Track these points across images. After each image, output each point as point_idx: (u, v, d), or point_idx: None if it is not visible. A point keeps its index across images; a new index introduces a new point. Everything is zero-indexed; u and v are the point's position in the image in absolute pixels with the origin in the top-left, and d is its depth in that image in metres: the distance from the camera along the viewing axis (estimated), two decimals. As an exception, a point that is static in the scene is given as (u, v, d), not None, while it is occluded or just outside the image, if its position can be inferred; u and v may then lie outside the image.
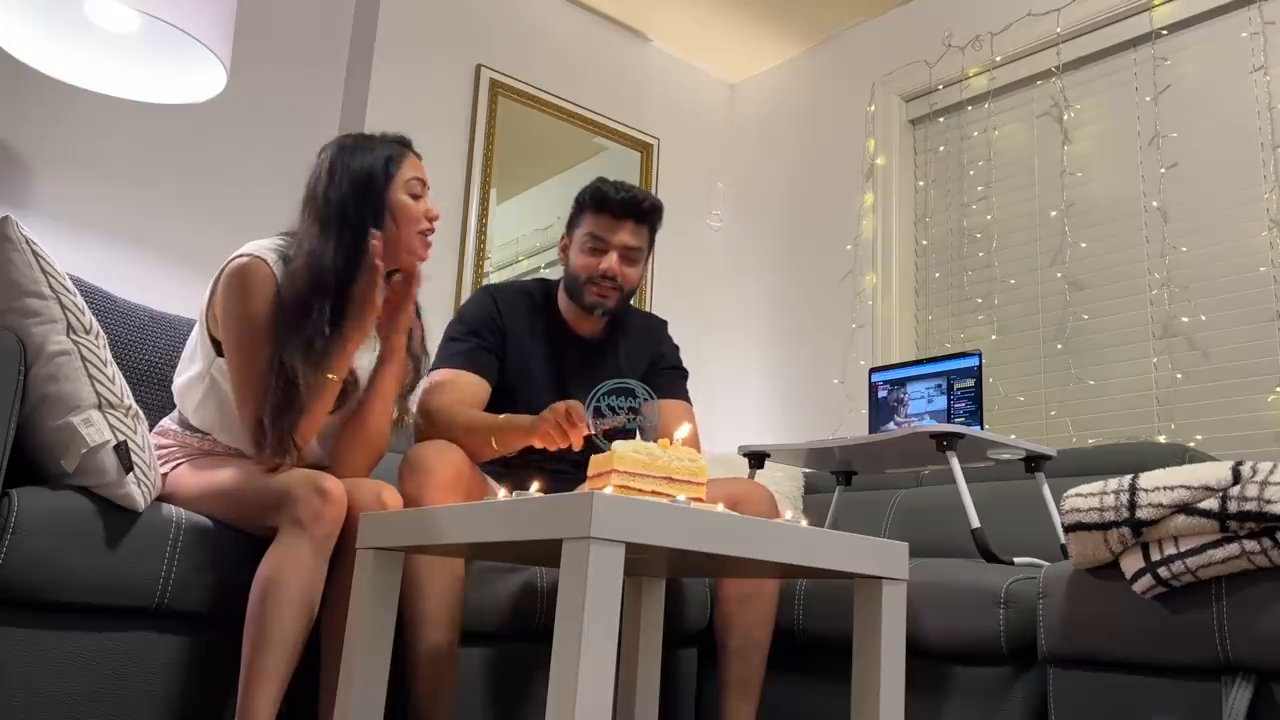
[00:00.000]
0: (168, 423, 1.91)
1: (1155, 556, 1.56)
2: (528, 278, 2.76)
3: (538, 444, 1.83)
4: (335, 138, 1.92)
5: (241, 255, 1.79)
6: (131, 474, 1.60)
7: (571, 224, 2.19)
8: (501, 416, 1.91)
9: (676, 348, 2.34)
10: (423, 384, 2.06)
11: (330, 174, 1.83)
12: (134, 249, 2.65)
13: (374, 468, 1.91)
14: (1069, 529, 1.66)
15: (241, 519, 1.70)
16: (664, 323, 2.37)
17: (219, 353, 1.81)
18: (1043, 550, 2.12)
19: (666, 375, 2.24)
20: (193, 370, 1.86)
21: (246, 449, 1.80)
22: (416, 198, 1.88)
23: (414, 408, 2.03)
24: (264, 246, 1.81)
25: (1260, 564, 1.49)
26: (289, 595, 1.54)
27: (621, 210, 2.11)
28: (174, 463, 1.83)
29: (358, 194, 1.82)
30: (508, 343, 2.14)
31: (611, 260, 2.10)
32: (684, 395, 2.25)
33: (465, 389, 2.05)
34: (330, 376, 1.78)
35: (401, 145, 1.90)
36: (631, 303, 2.32)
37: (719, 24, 3.73)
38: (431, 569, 1.75)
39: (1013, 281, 3.07)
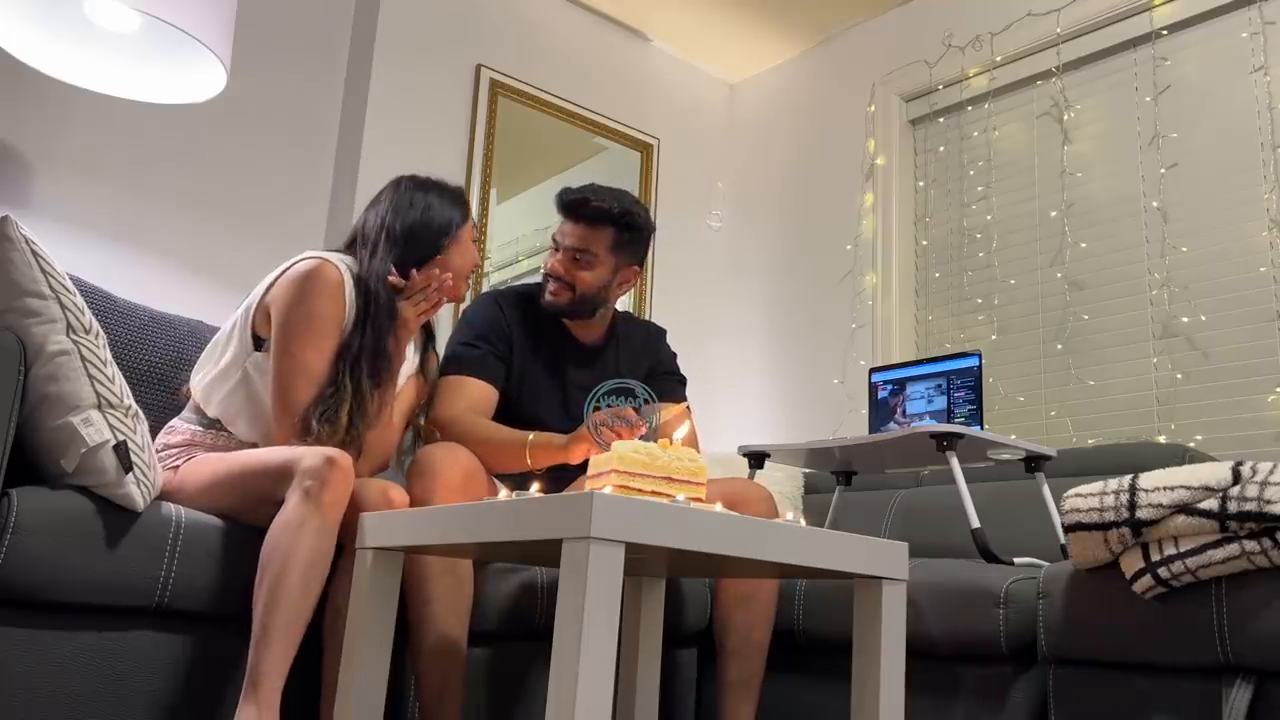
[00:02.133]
0: (179, 422, 1.92)
1: (1155, 557, 1.56)
2: (529, 280, 2.74)
3: (575, 462, 1.85)
4: (408, 176, 2.05)
5: (311, 257, 1.87)
6: (131, 474, 1.60)
7: None
8: (532, 435, 1.93)
9: (674, 355, 2.37)
10: (434, 390, 2.09)
11: (412, 219, 1.97)
12: (134, 249, 2.65)
13: (374, 471, 1.93)
14: (1069, 529, 1.66)
15: (251, 498, 1.70)
16: (663, 331, 2.40)
17: (257, 348, 1.86)
18: (1043, 550, 2.12)
19: (665, 380, 2.27)
20: (222, 363, 1.89)
21: (273, 440, 1.83)
22: (474, 242, 2.08)
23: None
24: (332, 255, 1.91)
25: (1260, 564, 1.49)
26: (296, 555, 1.55)
27: (565, 211, 2.17)
28: (188, 457, 1.84)
29: (435, 233, 1.97)
30: (513, 349, 2.16)
31: (555, 260, 2.16)
32: (682, 400, 2.26)
33: (474, 396, 2.06)
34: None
35: (463, 197, 2.07)
36: (629, 310, 2.34)
37: (719, 24, 3.73)
38: (440, 569, 1.75)
39: (1013, 281, 3.07)
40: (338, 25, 3.14)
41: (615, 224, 2.15)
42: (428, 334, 2.11)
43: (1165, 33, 2.84)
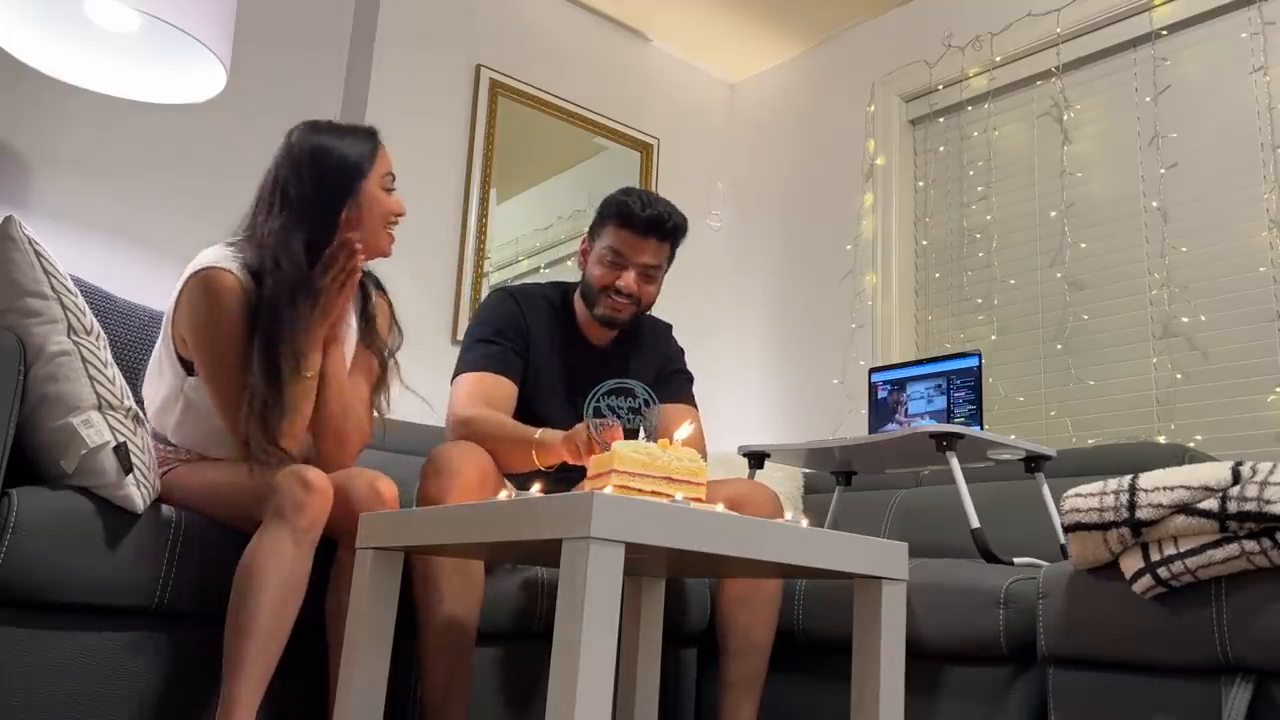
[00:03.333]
0: (151, 441, 1.86)
1: (1155, 557, 1.56)
2: (543, 280, 2.65)
3: (569, 460, 1.83)
4: (302, 123, 1.85)
5: (201, 268, 1.73)
6: (131, 475, 1.60)
7: (593, 231, 2.17)
8: (538, 432, 1.89)
9: (681, 351, 2.34)
10: (453, 388, 2.05)
11: (302, 167, 1.78)
12: (134, 249, 2.65)
13: (358, 454, 1.89)
14: (1069, 529, 1.66)
15: (234, 516, 1.69)
16: (669, 326, 2.37)
17: (189, 371, 1.78)
18: (1043, 550, 2.12)
19: (673, 379, 2.25)
20: (164, 391, 1.82)
21: (238, 457, 1.77)
22: (388, 192, 1.86)
23: (389, 407, 1.97)
24: (223, 256, 1.76)
25: (1260, 564, 1.49)
26: (268, 584, 1.53)
27: (645, 229, 2.08)
28: (166, 468, 1.81)
29: (332, 188, 1.77)
30: (530, 345, 2.13)
31: (629, 278, 2.09)
32: (689, 398, 2.25)
33: (495, 394, 2.03)
34: (308, 375, 1.75)
35: (373, 139, 1.85)
36: None
37: (719, 24, 3.73)
38: (452, 568, 1.75)
39: (1013, 281, 3.07)
40: (338, 25, 3.14)
41: (682, 235, 2.14)
42: (365, 291, 1.94)
43: (1165, 33, 2.84)
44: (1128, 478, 1.63)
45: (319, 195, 1.76)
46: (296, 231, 1.75)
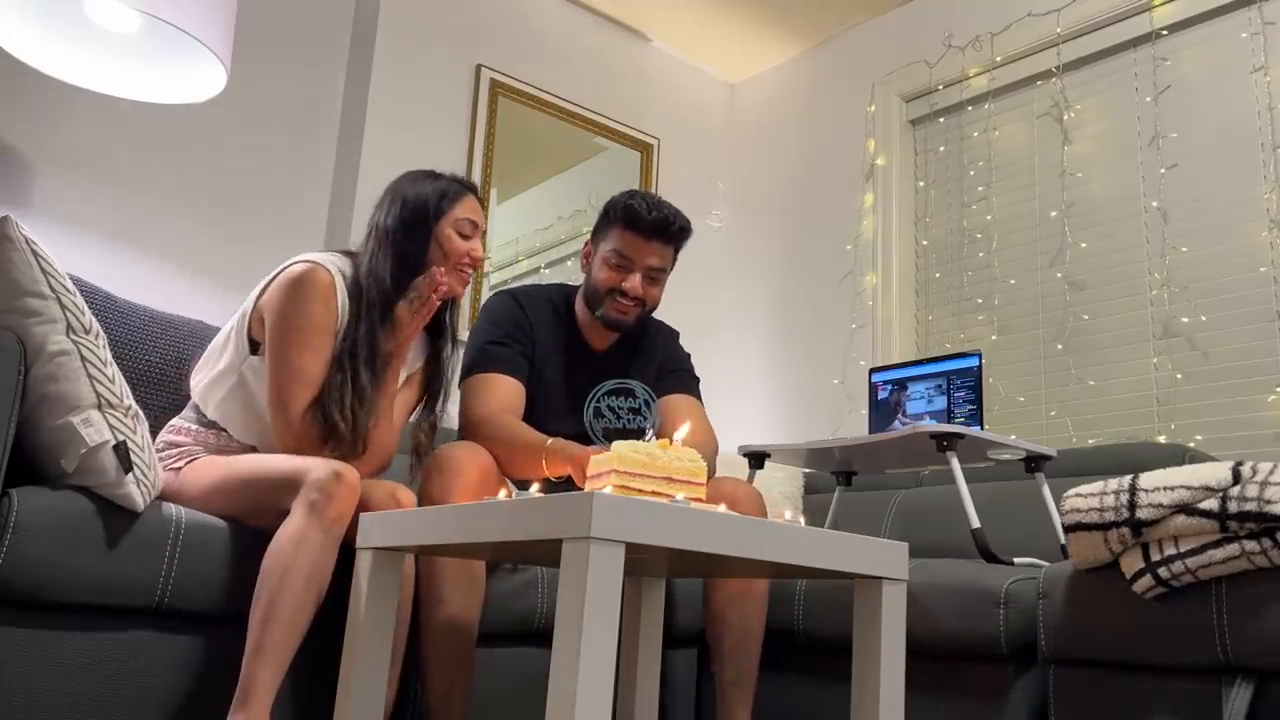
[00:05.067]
0: (182, 421, 1.93)
1: (1155, 557, 1.56)
2: (545, 280, 2.67)
3: (576, 481, 1.83)
4: (411, 170, 2.02)
5: (303, 261, 1.85)
6: (131, 474, 1.60)
7: (597, 234, 2.17)
8: (550, 440, 1.89)
9: (687, 355, 2.34)
10: (463, 388, 2.06)
11: (390, 202, 1.95)
12: (134, 249, 2.65)
13: (376, 473, 1.92)
14: (1069, 529, 1.66)
15: (255, 505, 1.70)
16: (676, 333, 2.36)
17: (253, 352, 1.85)
18: (1043, 550, 2.12)
19: (677, 375, 2.24)
20: (220, 367, 1.88)
21: (272, 448, 1.82)
22: (465, 237, 1.96)
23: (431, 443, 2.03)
24: (328, 258, 1.89)
25: (1260, 564, 1.49)
26: (296, 573, 1.56)
27: (650, 231, 2.09)
28: (189, 458, 1.84)
29: (409, 222, 1.92)
30: (535, 348, 2.13)
31: (635, 281, 2.10)
32: (694, 393, 2.25)
33: (507, 396, 2.03)
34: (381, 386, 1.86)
35: (462, 186, 2.00)
36: None
37: (719, 24, 3.73)
38: (454, 570, 1.75)
39: (1013, 281, 3.07)
40: (338, 25, 3.14)
41: (686, 238, 2.15)
42: (438, 332, 2.05)
43: (1165, 33, 2.84)
44: (1128, 478, 1.63)
45: (399, 229, 1.92)
46: (385, 259, 1.90)
